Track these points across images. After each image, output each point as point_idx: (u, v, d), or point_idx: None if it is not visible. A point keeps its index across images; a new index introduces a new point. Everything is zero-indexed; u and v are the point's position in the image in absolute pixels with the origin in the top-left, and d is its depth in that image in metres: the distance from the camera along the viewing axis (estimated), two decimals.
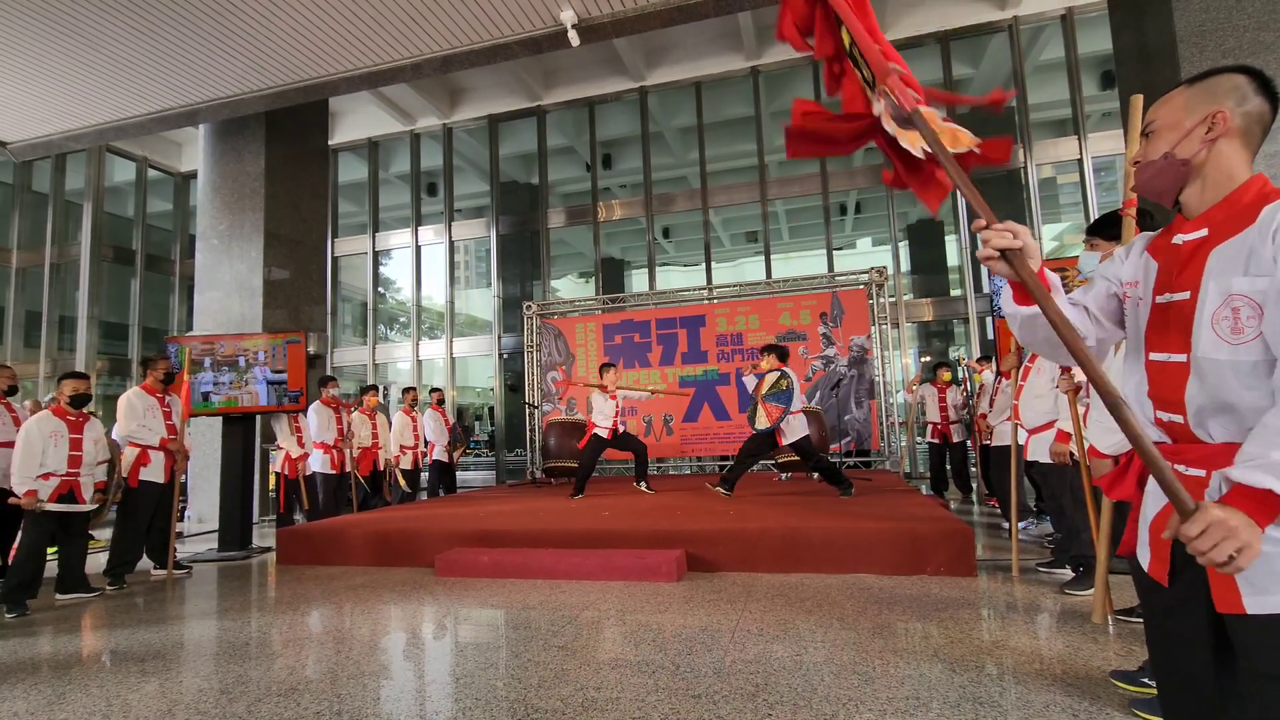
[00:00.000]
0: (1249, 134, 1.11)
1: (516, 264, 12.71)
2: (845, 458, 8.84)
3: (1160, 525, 1.17)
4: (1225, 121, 1.10)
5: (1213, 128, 1.10)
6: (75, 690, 2.71)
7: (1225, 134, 1.10)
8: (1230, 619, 1.04)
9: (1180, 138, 1.13)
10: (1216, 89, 1.12)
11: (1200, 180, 1.13)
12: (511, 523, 5.27)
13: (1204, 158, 1.12)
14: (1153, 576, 1.18)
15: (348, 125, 12.98)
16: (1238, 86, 1.11)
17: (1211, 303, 1.06)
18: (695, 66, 11.22)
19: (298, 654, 3.08)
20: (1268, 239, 1.01)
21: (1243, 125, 1.11)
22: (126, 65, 7.28)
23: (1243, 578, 1.00)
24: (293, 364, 6.40)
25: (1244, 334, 1.02)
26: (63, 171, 13.38)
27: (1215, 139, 1.11)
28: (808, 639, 2.95)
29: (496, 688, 2.54)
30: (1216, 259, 1.07)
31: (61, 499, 4.36)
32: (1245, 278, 1.03)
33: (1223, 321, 1.04)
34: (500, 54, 7.32)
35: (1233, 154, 1.11)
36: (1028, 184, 9.90)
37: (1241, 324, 1.03)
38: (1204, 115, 1.11)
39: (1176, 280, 1.12)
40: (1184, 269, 1.11)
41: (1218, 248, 1.08)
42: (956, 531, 4.08)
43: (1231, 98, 1.11)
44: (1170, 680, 1.18)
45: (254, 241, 9.19)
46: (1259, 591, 0.99)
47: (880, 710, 2.20)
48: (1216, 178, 1.11)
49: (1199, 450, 1.09)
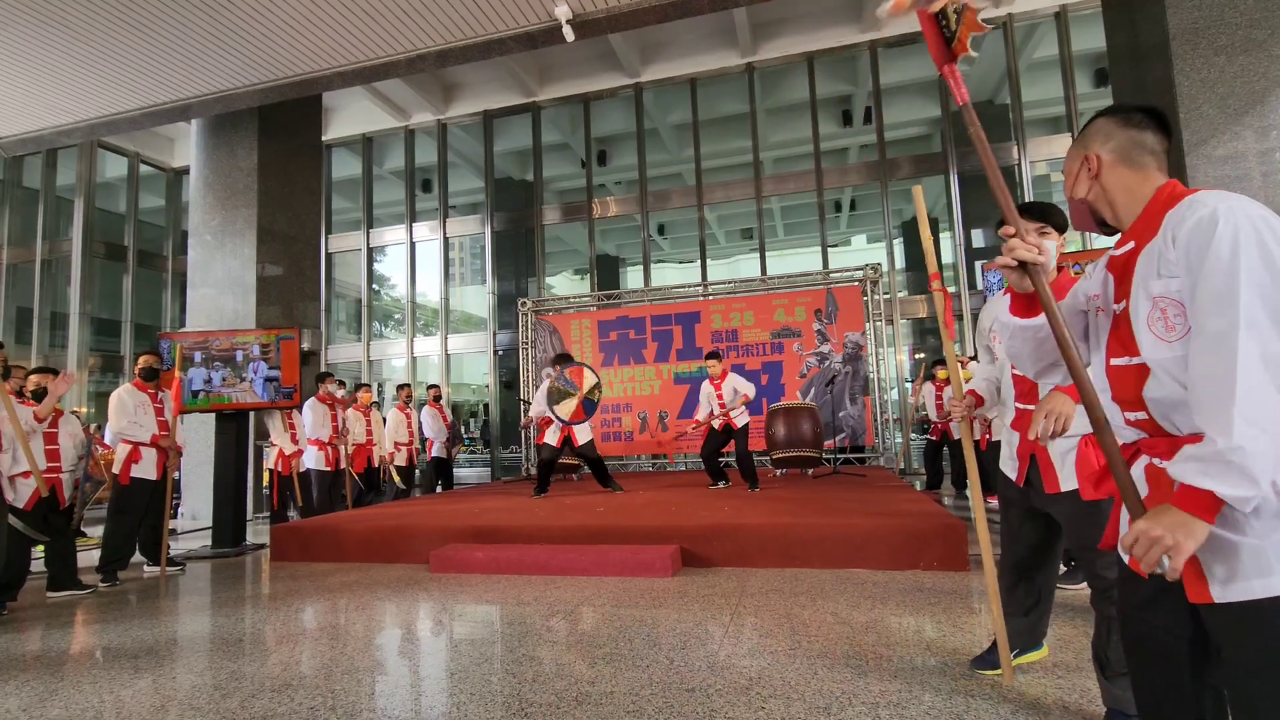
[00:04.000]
0: (1129, 159, 1.24)
1: (511, 261, 12.69)
2: (840, 454, 8.87)
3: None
4: (1096, 161, 1.26)
5: (1089, 168, 1.27)
6: (68, 687, 2.70)
7: (1102, 170, 1.26)
8: (1203, 608, 1.08)
9: (1073, 182, 1.32)
10: (1086, 138, 1.30)
11: (1108, 206, 1.28)
12: (506, 519, 5.27)
13: (1098, 192, 1.28)
14: (1133, 568, 1.21)
15: (341, 121, 12.92)
16: (1100, 129, 1.28)
17: (1142, 307, 1.15)
18: (690, 63, 11.21)
19: (292, 650, 3.08)
20: (1169, 243, 1.11)
21: (1116, 156, 1.25)
22: (117, 59, 7.22)
23: (1209, 569, 1.05)
24: (286, 360, 6.37)
25: (1176, 330, 1.10)
26: (54, 167, 13.29)
27: (1096, 175, 1.27)
28: (801, 633, 2.96)
29: (491, 682, 2.54)
30: (1141, 265, 1.17)
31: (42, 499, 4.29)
32: (1159, 280, 1.12)
33: (1156, 323, 1.13)
34: (495, 49, 7.30)
35: (1121, 180, 1.25)
36: (1021, 181, 9.94)
37: (1172, 322, 1.10)
38: (1079, 162, 1.29)
39: (1119, 290, 1.24)
40: (1122, 279, 1.23)
41: (1140, 255, 1.18)
42: (950, 526, 4.10)
43: (1097, 140, 1.27)
44: (1146, 671, 1.22)
45: (247, 238, 9.14)
46: (1224, 582, 1.03)
47: (873, 703, 2.21)
48: (1120, 200, 1.25)
49: (1167, 443, 1.14)
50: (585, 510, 5.58)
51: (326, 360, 12.36)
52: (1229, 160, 6.03)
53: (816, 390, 9.06)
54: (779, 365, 9.43)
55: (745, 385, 6.44)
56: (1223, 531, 1.02)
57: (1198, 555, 1.05)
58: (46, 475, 4.35)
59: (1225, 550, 1.02)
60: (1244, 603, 1.01)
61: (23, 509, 4.21)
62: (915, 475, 9.17)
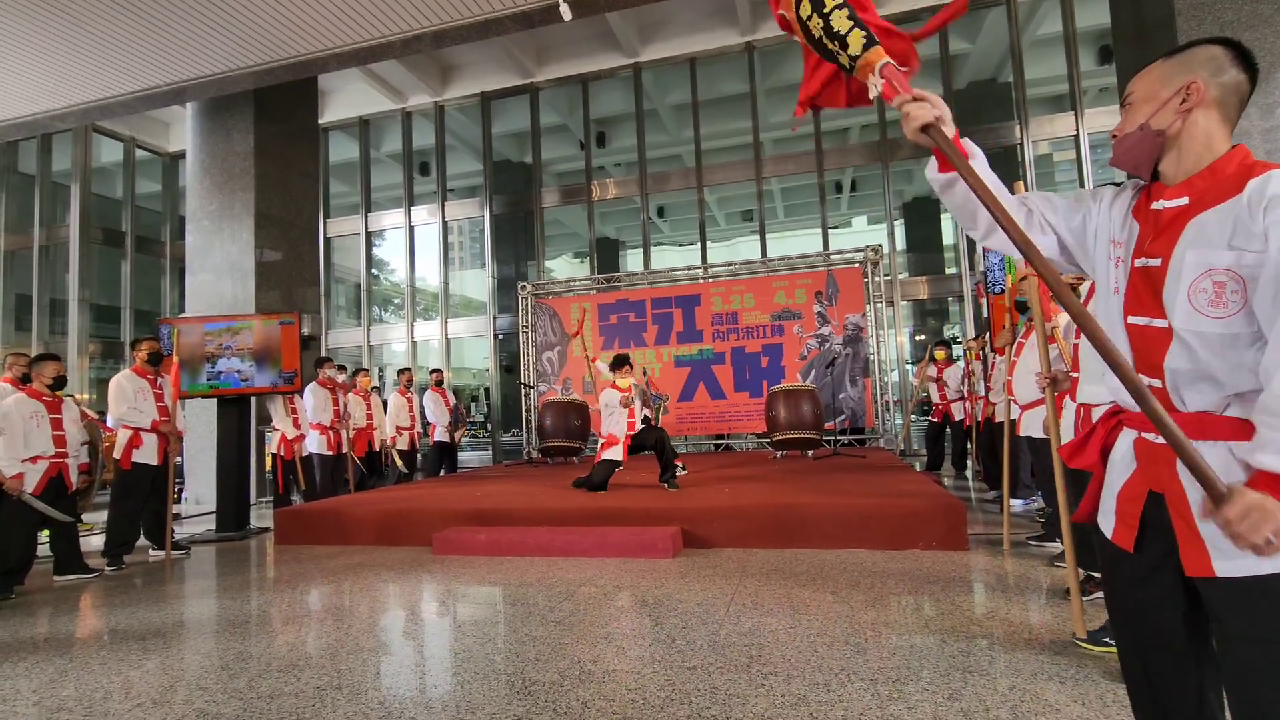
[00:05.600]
0: (1225, 105, 1.10)
1: (511, 244, 12.63)
2: (840, 435, 8.90)
3: (1129, 494, 1.18)
4: (1200, 92, 1.09)
5: (1187, 98, 1.10)
6: (77, 668, 2.73)
7: (1200, 104, 1.10)
8: (1201, 582, 1.07)
9: (1156, 109, 1.13)
10: (1193, 60, 1.12)
11: (1176, 150, 1.12)
12: (508, 502, 5.31)
13: (1179, 128, 1.11)
14: (1117, 544, 1.20)
15: (338, 103, 12.80)
16: (1214, 57, 1.10)
17: (1189, 273, 1.05)
18: (690, 42, 11.07)
19: (297, 631, 3.11)
20: (1258, 213, 0.99)
21: (1219, 96, 1.10)
22: (111, 42, 7.14)
23: (1211, 542, 1.03)
24: (286, 345, 6.37)
25: (1227, 307, 1.02)
26: (49, 152, 13.18)
27: (1190, 109, 1.10)
28: (801, 612, 2.99)
29: (495, 661, 2.57)
30: (1196, 228, 1.06)
31: (51, 482, 4.34)
32: (1230, 251, 1.02)
33: (1200, 294, 1.04)
34: (492, 29, 7.21)
35: (1209, 124, 1.10)
36: (1024, 160, 9.86)
37: (1226, 298, 1.02)
38: (1179, 86, 1.11)
39: (1152, 245, 1.12)
40: (1160, 235, 1.11)
41: (1198, 217, 1.07)
42: (949, 507, 4.13)
43: (1207, 69, 1.10)
44: (1138, 648, 1.20)
45: (245, 222, 9.09)
46: (1226, 556, 1.01)
47: (872, 679, 2.24)
48: (1193, 148, 1.11)
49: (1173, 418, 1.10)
50: (586, 493, 5.61)
51: (327, 345, 12.35)
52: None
53: (817, 372, 9.06)
54: (779, 347, 9.43)
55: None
56: None
57: (1200, 528, 1.04)
58: (53, 460, 4.38)
59: None
60: (1247, 578, 1.00)
61: (32, 494, 4.25)
62: (915, 456, 9.20)
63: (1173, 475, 1.09)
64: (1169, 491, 1.10)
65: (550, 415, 8.73)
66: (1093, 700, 2.03)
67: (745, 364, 9.54)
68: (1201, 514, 0.99)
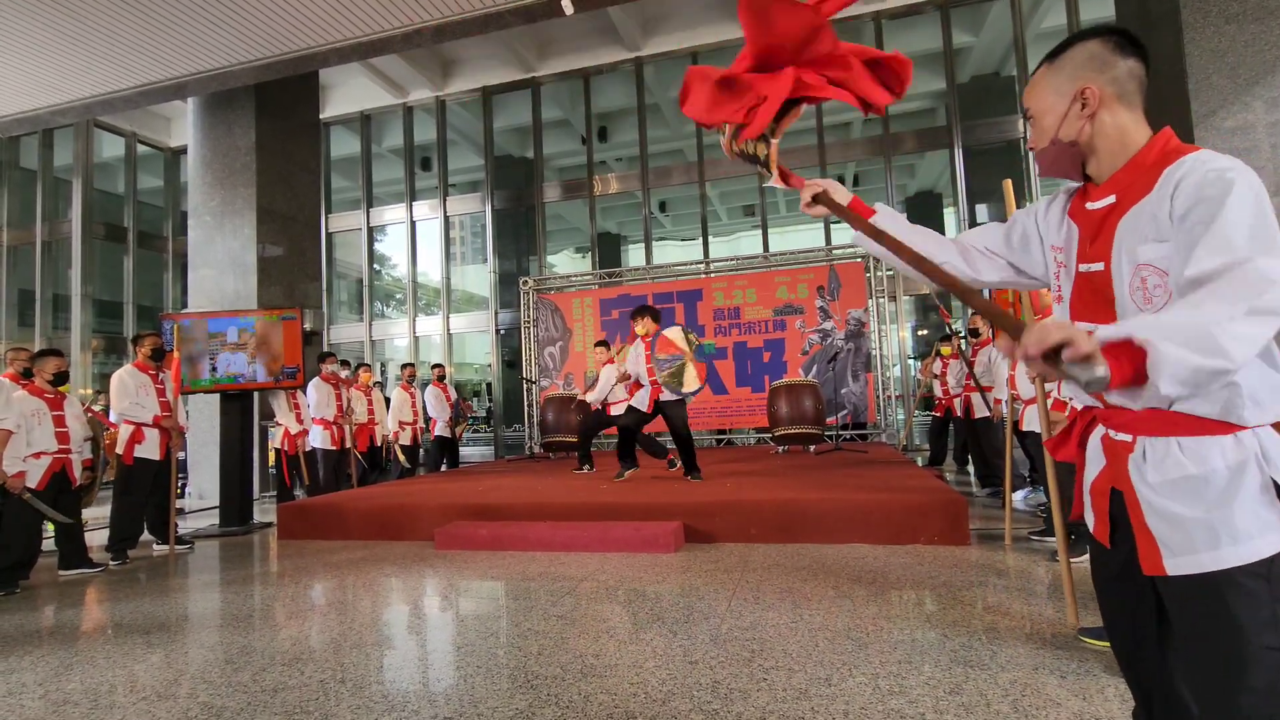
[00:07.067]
0: (1126, 96, 1.09)
1: (512, 239, 12.62)
2: (842, 431, 8.90)
3: (1100, 487, 1.17)
4: (1095, 95, 1.08)
5: (1086, 104, 1.08)
6: (82, 662, 2.75)
7: (1101, 106, 1.08)
8: (1158, 580, 1.07)
9: (1059, 121, 1.12)
10: (1076, 63, 1.10)
11: (1095, 154, 1.11)
12: (510, 496, 5.31)
13: (1089, 133, 1.10)
14: (1097, 538, 1.20)
15: (339, 98, 12.78)
16: (1095, 55, 1.09)
17: (1126, 274, 1.05)
18: (692, 35, 11.03)
19: (301, 625, 3.12)
20: (1166, 200, 0.99)
21: (1116, 91, 1.08)
22: (112, 37, 7.13)
23: (1162, 541, 1.03)
24: (288, 341, 6.38)
25: (1154, 303, 1.00)
26: (50, 148, 13.19)
27: (1093, 114, 1.09)
28: (803, 606, 3.00)
29: (497, 655, 2.58)
30: (1125, 227, 1.05)
31: (54, 478, 4.36)
32: (1151, 245, 1.01)
33: (1136, 292, 1.03)
34: (493, 23, 7.19)
35: (1117, 120, 1.08)
36: (1027, 156, 9.81)
37: (1150, 292, 1.01)
38: (1072, 94, 1.09)
39: (1092, 250, 1.11)
40: (1096, 238, 1.10)
41: (1125, 216, 1.06)
42: (951, 501, 4.13)
43: (1093, 68, 1.09)
44: (1125, 641, 1.20)
45: (246, 218, 9.10)
46: (1175, 554, 1.02)
47: (874, 673, 2.25)
48: (1109, 147, 1.10)
49: (1125, 415, 1.09)
50: (588, 487, 5.62)
51: (329, 340, 12.37)
52: (1238, 131, 5.94)
53: (819, 367, 9.06)
54: (781, 342, 9.42)
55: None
56: (1176, 507, 1.01)
57: (1151, 528, 1.04)
58: (56, 456, 4.40)
59: (1178, 524, 1.01)
60: (1194, 575, 1.00)
61: (35, 489, 4.26)
62: (917, 451, 9.20)
63: (1129, 473, 1.09)
64: (1126, 490, 1.10)
65: (552, 410, 8.74)
66: (1094, 694, 2.03)
67: (747, 359, 9.54)
68: (1012, 350, 0.91)
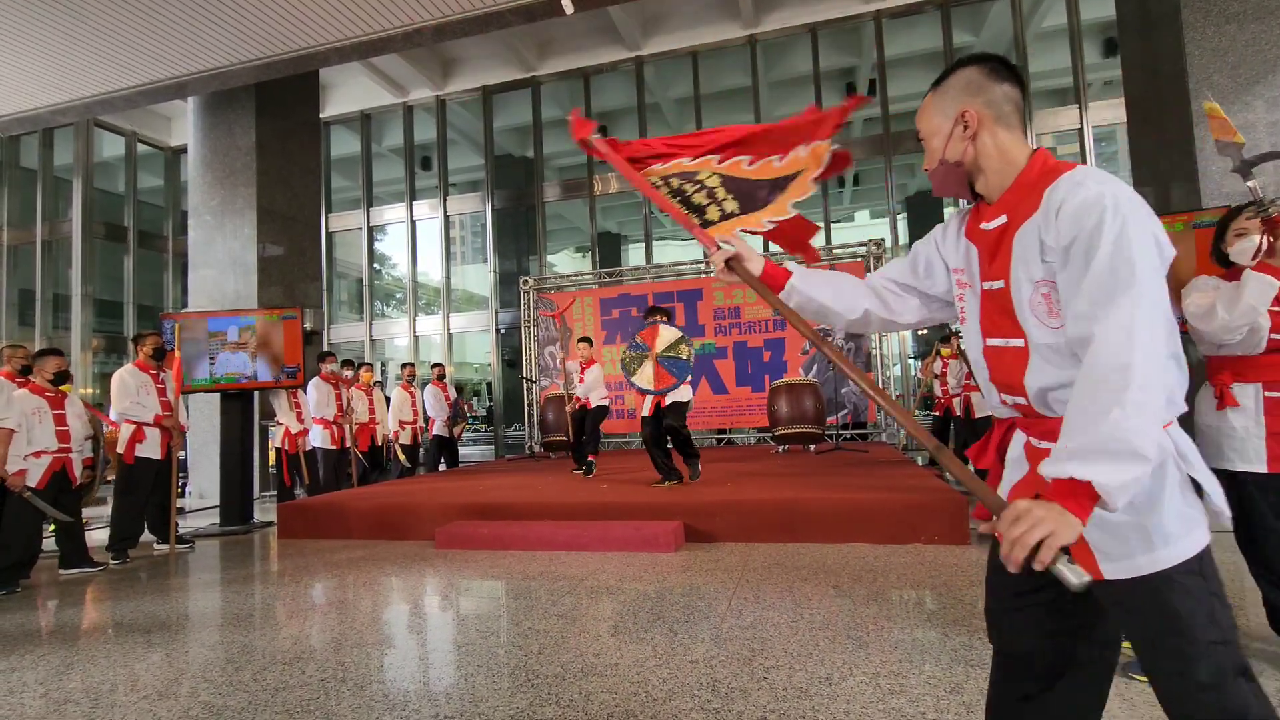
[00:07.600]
0: (1004, 118, 1.14)
1: (512, 239, 12.62)
2: (842, 430, 8.90)
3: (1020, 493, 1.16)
4: (974, 118, 1.13)
5: (967, 126, 1.14)
6: (83, 661, 2.75)
7: (981, 127, 1.14)
8: (1096, 586, 1.07)
9: (945, 143, 1.17)
10: (955, 88, 1.16)
11: (982, 174, 1.16)
12: (511, 496, 5.32)
13: (973, 154, 1.15)
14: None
15: (339, 98, 12.77)
16: (971, 80, 1.15)
17: (1025, 290, 1.08)
18: (692, 35, 11.02)
19: (301, 624, 3.13)
20: (1051, 222, 1.03)
21: (994, 114, 1.14)
22: (112, 36, 7.12)
23: (1096, 547, 1.05)
24: (289, 340, 6.38)
25: (1060, 316, 1.04)
26: (51, 147, 13.18)
27: (974, 135, 1.14)
28: (803, 606, 3.00)
29: (498, 654, 2.58)
30: (1018, 245, 1.09)
31: (55, 477, 4.35)
32: (1042, 264, 1.05)
33: (1038, 307, 1.07)
34: (494, 22, 7.18)
35: (997, 142, 1.14)
36: None
37: (1053, 307, 1.05)
38: (954, 116, 1.15)
39: (992, 268, 1.15)
40: (994, 257, 1.14)
41: (1018, 232, 1.09)
42: (951, 500, 4.13)
43: (969, 92, 1.15)
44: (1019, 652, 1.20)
45: (247, 217, 9.10)
46: (1113, 559, 1.04)
47: (874, 672, 2.25)
48: (993, 167, 1.14)
49: (1047, 424, 1.10)
50: (589, 487, 5.62)
51: (329, 340, 12.37)
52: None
53: (819, 367, 9.06)
54: (781, 342, 9.42)
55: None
56: (1108, 513, 0.99)
57: (1084, 535, 1.02)
58: (57, 455, 4.40)
59: (1112, 529, 1.03)
60: (1133, 579, 1.02)
61: (36, 488, 4.26)
62: (918, 451, 9.20)
63: None
64: None
65: (552, 410, 8.74)
66: None
67: (747, 358, 9.54)
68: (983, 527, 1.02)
